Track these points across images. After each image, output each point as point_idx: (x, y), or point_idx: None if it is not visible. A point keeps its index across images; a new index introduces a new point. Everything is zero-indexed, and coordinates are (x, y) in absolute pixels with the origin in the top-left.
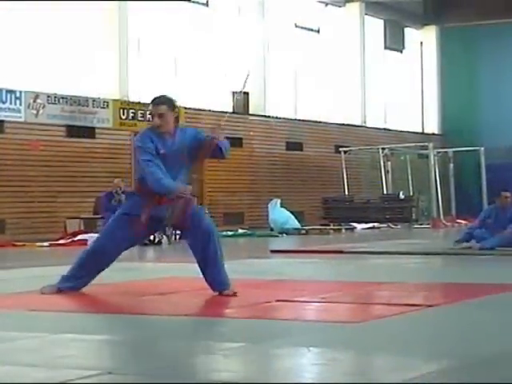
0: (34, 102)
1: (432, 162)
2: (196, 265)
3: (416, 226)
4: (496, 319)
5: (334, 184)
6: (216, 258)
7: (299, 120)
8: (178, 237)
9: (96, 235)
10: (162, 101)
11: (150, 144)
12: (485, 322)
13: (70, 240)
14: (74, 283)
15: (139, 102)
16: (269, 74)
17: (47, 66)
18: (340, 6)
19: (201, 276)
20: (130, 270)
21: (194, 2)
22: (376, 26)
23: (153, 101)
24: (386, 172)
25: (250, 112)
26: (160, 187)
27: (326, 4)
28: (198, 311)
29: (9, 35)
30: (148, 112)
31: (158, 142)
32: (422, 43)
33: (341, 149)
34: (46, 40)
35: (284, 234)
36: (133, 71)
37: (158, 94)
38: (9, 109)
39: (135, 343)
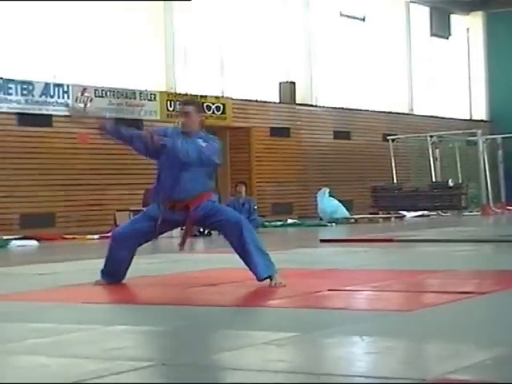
0: (82, 95)
1: (481, 149)
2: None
3: (466, 214)
4: None
5: (382, 172)
6: (248, 251)
7: (346, 109)
8: None
9: None
10: (191, 102)
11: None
12: None
13: None
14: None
15: (186, 94)
16: (315, 64)
17: (94, 60)
18: None
19: None
20: (179, 262)
21: None
22: (422, 13)
23: (182, 101)
24: (435, 159)
25: (297, 102)
26: None
27: None
28: (250, 301)
29: (56, 29)
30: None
31: (175, 138)
32: (468, 29)
33: (388, 137)
34: (92, 33)
35: (333, 224)
36: (179, 62)
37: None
38: (57, 103)
39: (187, 334)
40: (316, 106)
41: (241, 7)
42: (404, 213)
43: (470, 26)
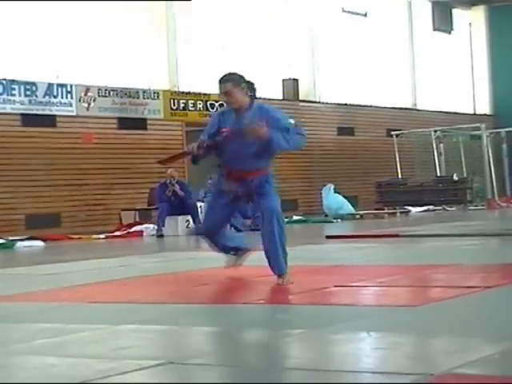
0: (85, 95)
1: (485, 143)
2: (254, 254)
3: (471, 208)
4: None
5: (387, 168)
6: (273, 243)
7: (350, 105)
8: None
9: (151, 226)
10: (227, 79)
11: (211, 124)
12: None
13: (125, 232)
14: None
15: (189, 92)
16: (318, 60)
17: (97, 59)
18: None
19: (260, 264)
20: (184, 260)
21: None
22: (424, 7)
23: (219, 80)
24: (439, 154)
25: (300, 98)
26: None
27: None
28: (258, 299)
29: (59, 30)
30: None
31: (229, 119)
32: (470, 24)
33: (392, 132)
34: (94, 33)
35: (339, 220)
36: (182, 61)
37: (225, 73)
38: (60, 103)
39: (194, 333)
40: (319, 103)
41: (243, 5)
42: (409, 208)
43: (472, 21)
